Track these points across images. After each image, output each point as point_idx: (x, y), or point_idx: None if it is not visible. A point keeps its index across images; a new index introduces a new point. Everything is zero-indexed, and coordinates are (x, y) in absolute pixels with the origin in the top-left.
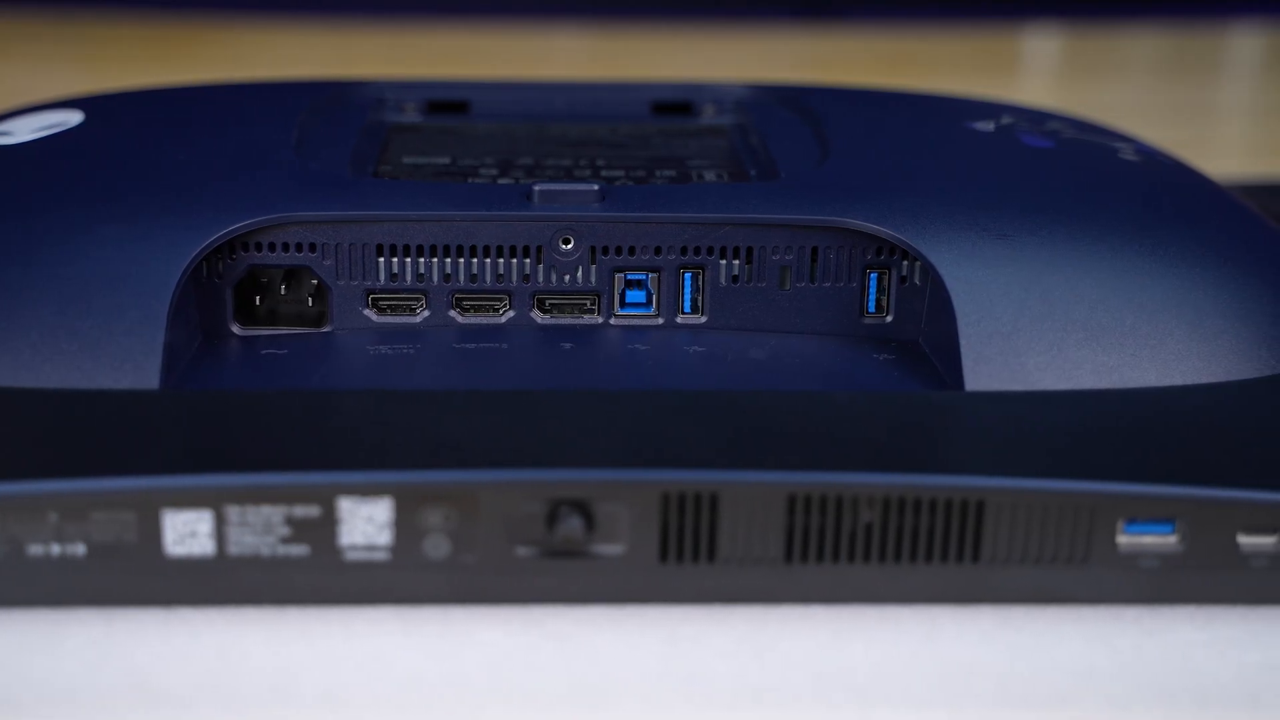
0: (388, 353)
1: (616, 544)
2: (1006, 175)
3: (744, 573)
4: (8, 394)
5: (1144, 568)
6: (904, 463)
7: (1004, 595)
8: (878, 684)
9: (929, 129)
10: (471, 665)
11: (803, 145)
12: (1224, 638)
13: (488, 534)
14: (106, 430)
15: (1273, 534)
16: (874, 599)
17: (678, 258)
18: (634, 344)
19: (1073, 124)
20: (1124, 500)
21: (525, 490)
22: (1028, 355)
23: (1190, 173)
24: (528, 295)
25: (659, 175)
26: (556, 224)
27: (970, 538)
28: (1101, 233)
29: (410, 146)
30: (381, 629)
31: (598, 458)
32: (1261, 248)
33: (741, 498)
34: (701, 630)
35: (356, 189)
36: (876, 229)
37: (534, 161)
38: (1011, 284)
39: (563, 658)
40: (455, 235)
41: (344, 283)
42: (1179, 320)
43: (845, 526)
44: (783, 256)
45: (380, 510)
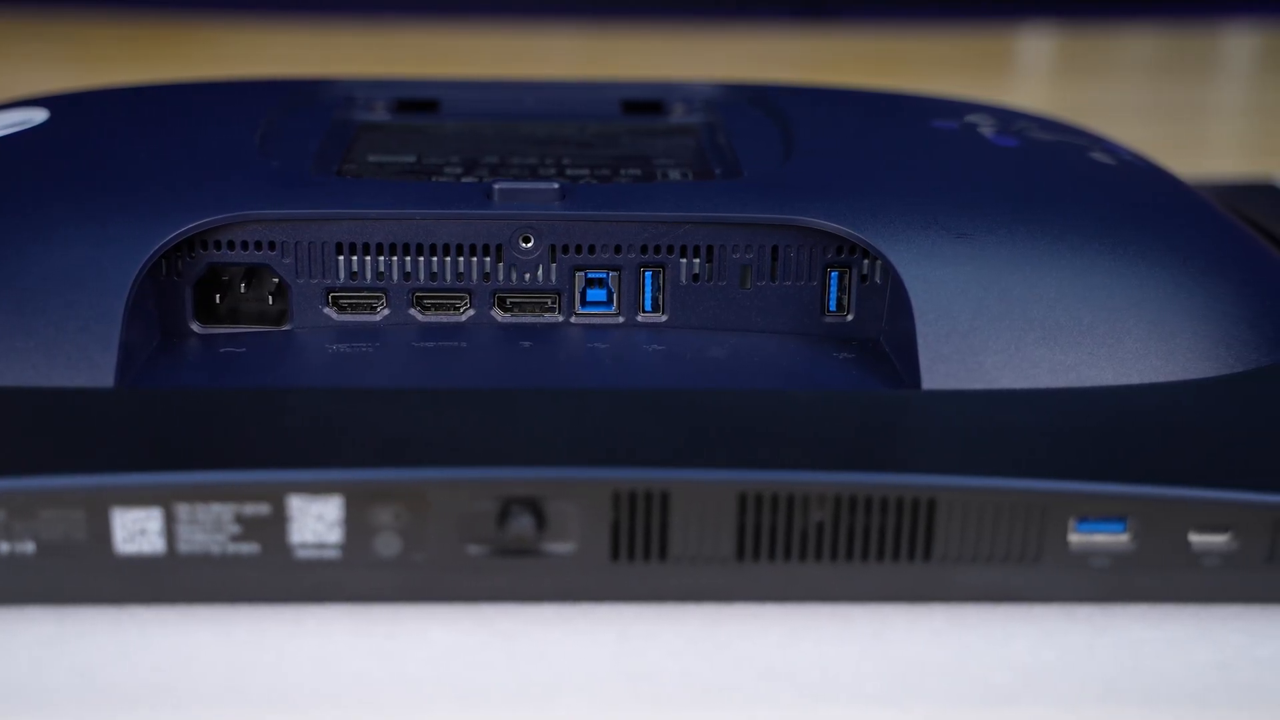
0: (347, 351)
1: (568, 542)
2: (969, 174)
3: (695, 571)
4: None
5: (1096, 566)
6: (856, 461)
7: (956, 594)
8: (826, 682)
9: (895, 128)
10: (420, 663)
11: (768, 144)
12: (1175, 636)
13: (438, 532)
14: (58, 428)
15: (1225, 532)
16: (825, 597)
17: (638, 256)
18: (594, 343)
19: (1042, 124)
20: (1075, 499)
21: (475, 488)
22: (985, 354)
23: (1158, 173)
24: (488, 294)
25: (624, 174)
26: (516, 222)
27: (921, 536)
28: (1061, 232)
29: (377, 145)
30: (332, 627)
31: (549, 456)
32: (1222, 248)
33: (692, 496)
34: (652, 629)
35: (316, 187)
36: (836, 227)
37: (500, 160)
38: (970, 283)
39: (512, 656)
40: (415, 234)
41: (304, 281)
42: (1137, 319)
43: (796, 525)
44: (743, 255)
45: (330, 508)
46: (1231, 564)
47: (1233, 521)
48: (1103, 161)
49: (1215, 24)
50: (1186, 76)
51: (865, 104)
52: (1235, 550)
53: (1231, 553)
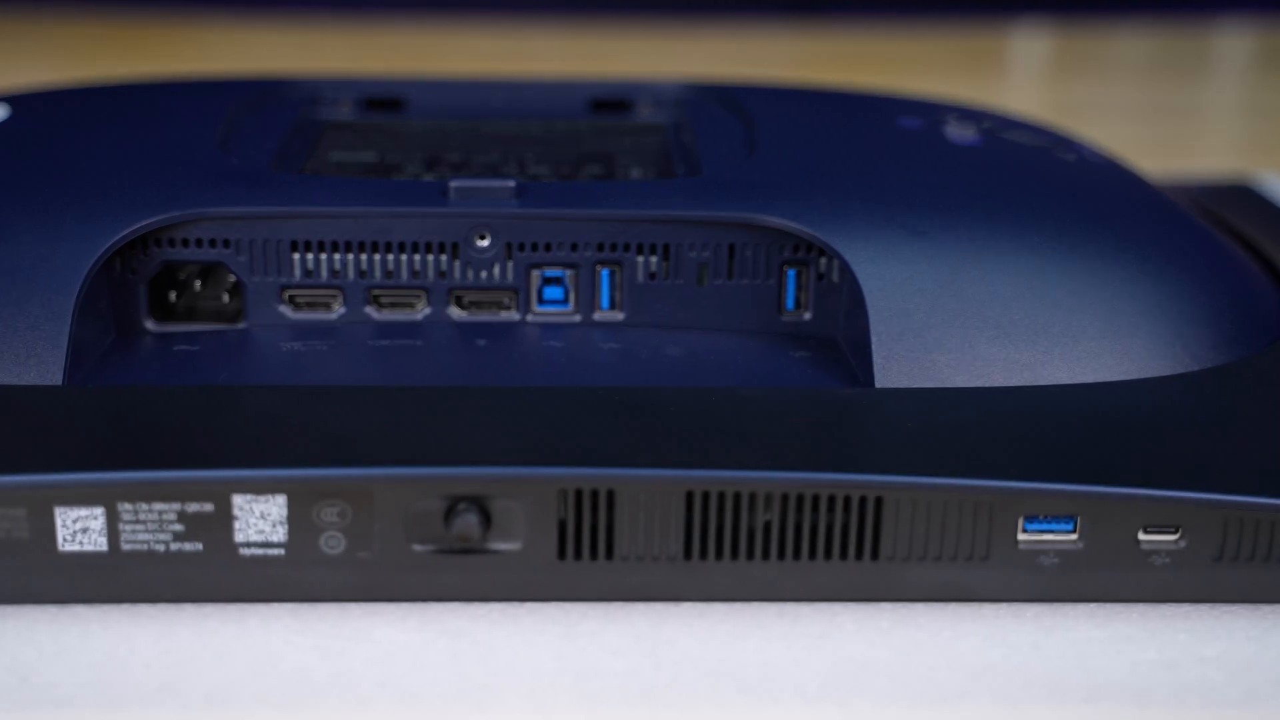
0: (301, 349)
1: (514, 541)
2: (928, 174)
3: (643, 570)
4: None
5: (1044, 565)
6: (804, 460)
7: (904, 592)
8: (770, 681)
9: (859, 128)
10: (363, 663)
11: (731, 144)
12: (1121, 635)
13: (384, 530)
14: (2, 427)
15: (1173, 531)
16: (773, 596)
17: (594, 254)
18: (549, 341)
19: (1009, 123)
20: (1023, 497)
21: (421, 486)
22: (939, 353)
23: (1122, 173)
24: (444, 292)
25: (585, 173)
26: (471, 220)
27: (869, 535)
28: (1018, 231)
29: (341, 144)
30: (275, 626)
31: (495, 454)
32: (1181, 248)
33: (639, 494)
34: (598, 627)
35: (271, 184)
36: (791, 225)
37: (462, 159)
38: (925, 281)
39: (456, 656)
40: (370, 231)
41: (259, 279)
42: (1092, 318)
43: (744, 523)
44: (699, 253)
45: (274, 507)
46: (1180, 563)
47: (1181, 520)
48: (1066, 161)
49: (1209, 23)
50: (1180, 76)
51: (832, 104)
52: (1184, 549)
53: (1180, 552)
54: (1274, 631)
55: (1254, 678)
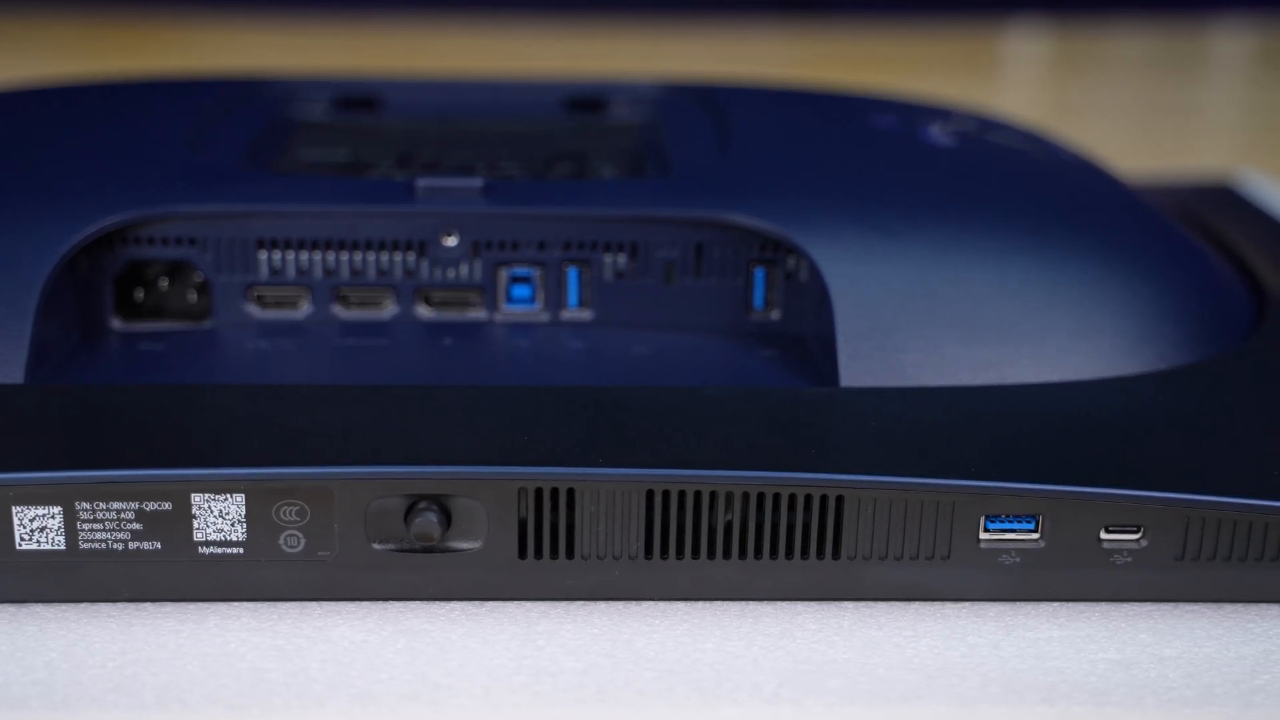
0: (267, 348)
1: (474, 540)
2: (898, 173)
3: (603, 569)
4: None
5: (1005, 564)
6: (765, 459)
7: (865, 592)
8: (727, 681)
9: (832, 127)
10: (320, 662)
11: (703, 143)
12: (1082, 635)
13: (343, 529)
14: None
15: (1135, 531)
16: (734, 595)
17: (561, 253)
18: (516, 340)
19: (983, 123)
20: (985, 496)
21: (380, 485)
22: (905, 352)
23: (1096, 173)
24: (411, 290)
25: (555, 172)
26: (438, 219)
27: (830, 534)
28: (987, 231)
29: (313, 143)
30: (233, 625)
31: (455, 453)
32: (1151, 248)
33: (599, 493)
34: (557, 626)
35: (238, 183)
36: (758, 224)
37: (434, 158)
38: (893, 280)
39: (414, 655)
40: (337, 230)
41: (225, 277)
42: (1060, 317)
43: (705, 523)
44: (668, 252)
45: (233, 506)
46: (1142, 562)
47: (1143, 520)
48: (1039, 161)
49: (1205, 23)
50: (1176, 76)
51: (808, 104)
52: (1146, 549)
53: (1142, 551)
54: (1234, 631)
55: (1211, 678)
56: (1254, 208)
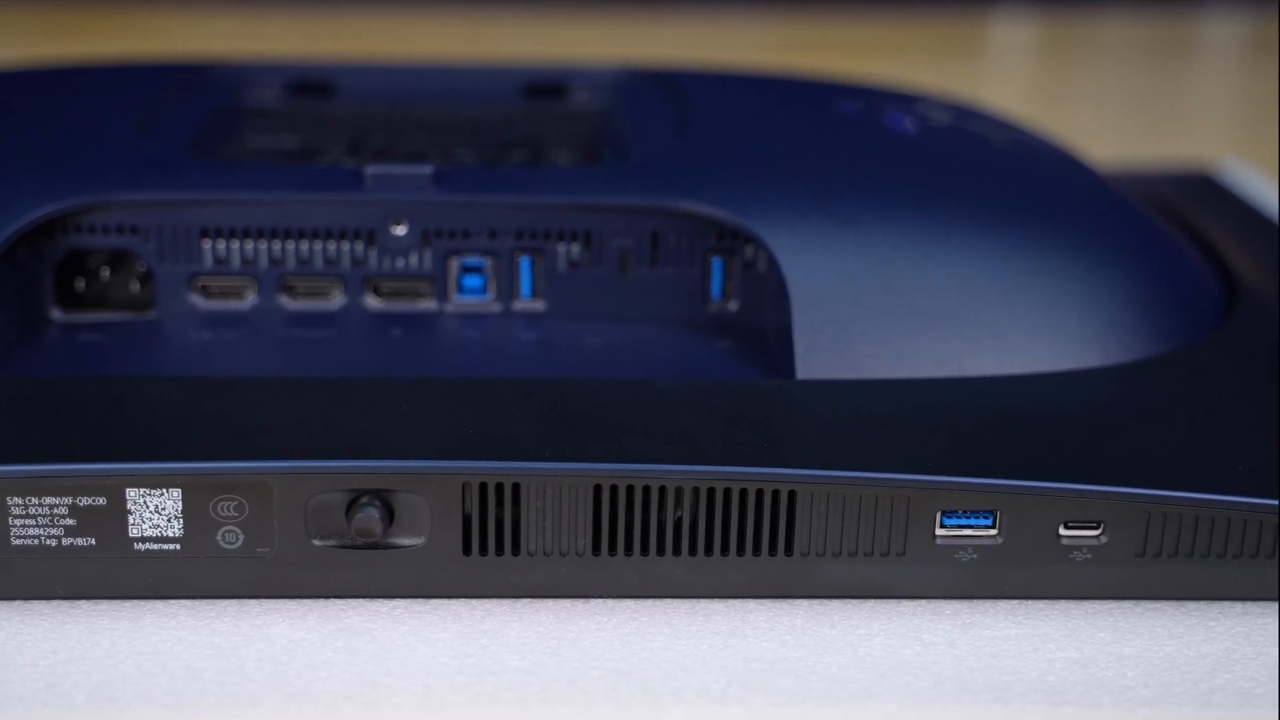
0: (211, 340)
1: (417, 536)
2: (860, 160)
3: (549, 566)
4: None
5: (962, 561)
6: (716, 453)
7: (818, 589)
8: (673, 679)
9: (794, 113)
10: (254, 661)
11: (661, 129)
12: (1039, 633)
13: (283, 525)
14: None
15: (1095, 527)
16: (685, 593)
17: (513, 242)
18: (467, 331)
19: (950, 109)
20: (941, 491)
21: (321, 480)
22: (863, 343)
23: (1064, 160)
24: (360, 280)
25: (510, 159)
26: (387, 207)
27: (782, 530)
28: (948, 219)
29: (263, 129)
30: (169, 624)
31: (399, 447)
32: (1117, 237)
33: (545, 488)
34: (501, 625)
35: (182, 170)
36: (714, 212)
37: (387, 145)
38: (851, 270)
39: (353, 654)
40: (283, 218)
41: (169, 267)
42: (1022, 308)
43: (654, 518)
44: (622, 241)
45: (169, 501)
46: (1102, 559)
47: (1103, 515)
48: (1006, 149)
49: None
50: (1166, 62)
51: (771, 90)
52: (1105, 545)
53: (1102, 548)
54: (1195, 630)
55: (1170, 677)
56: (1232, 198)
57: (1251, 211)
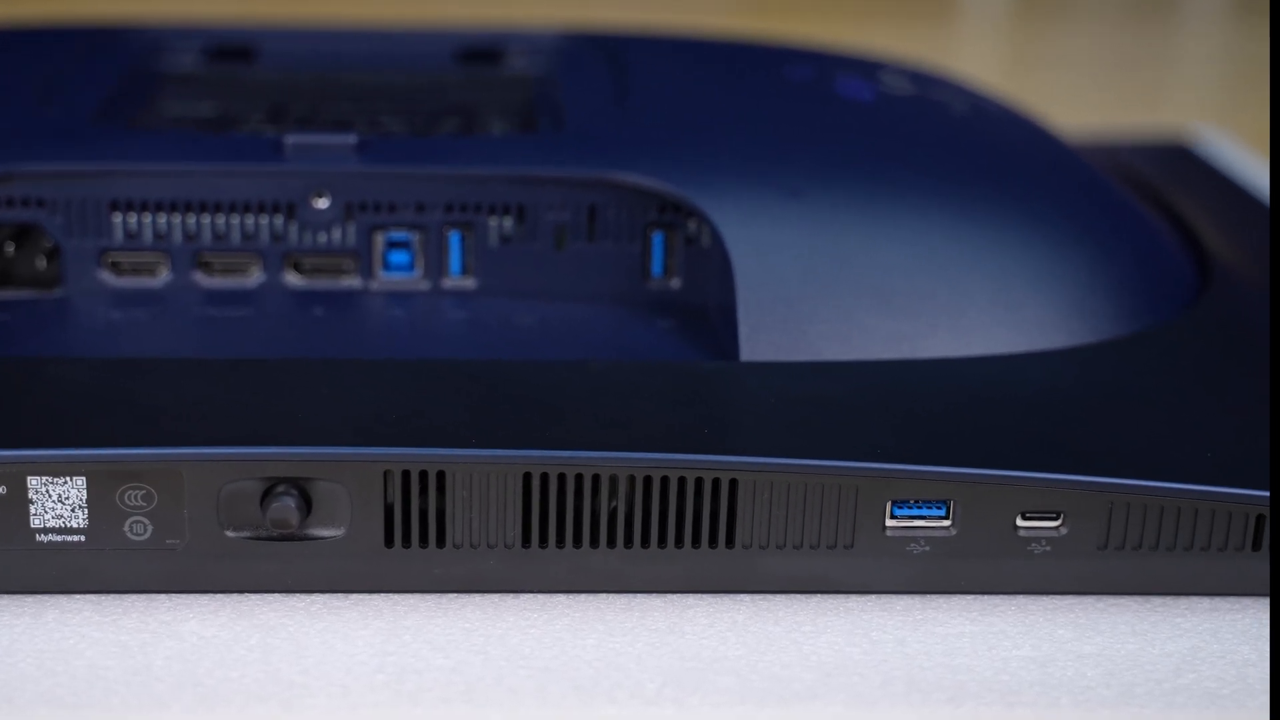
0: (122, 319)
1: (336, 527)
2: (809, 128)
3: (477, 559)
4: None
5: (914, 554)
6: (652, 439)
7: (761, 583)
8: (606, 679)
9: (741, 80)
10: (163, 659)
11: (600, 97)
12: (995, 630)
13: (194, 515)
14: None
15: (1055, 518)
16: (620, 588)
17: (442, 216)
18: (393, 310)
19: (911, 76)
20: (891, 480)
21: (233, 467)
22: (811, 323)
23: (1032, 131)
24: (280, 256)
25: (440, 128)
26: (308, 178)
27: (723, 521)
28: (904, 192)
29: (179, 96)
30: (73, 619)
31: (317, 433)
32: (1083, 212)
33: (472, 476)
34: (425, 621)
35: (90, 139)
36: (654, 184)
37: (310, 113)
38: (799, 245)
39: (267, 651)
40: (198, 190)
41: (76, 241)
42: (981, 286)
43: (587, 508)
44: (558, 214)
45: (73, 490)
46: (1061, 552)
47: (1063, 505)
48: (967, 118)
49: None
50: (1147, 25)
51: (718, 54)
52: (1065, 537)
53: (1061, 539)
54: (1160, 626)
55: (1132, 676)
56: (1208, 168)
57: (1229, 183)
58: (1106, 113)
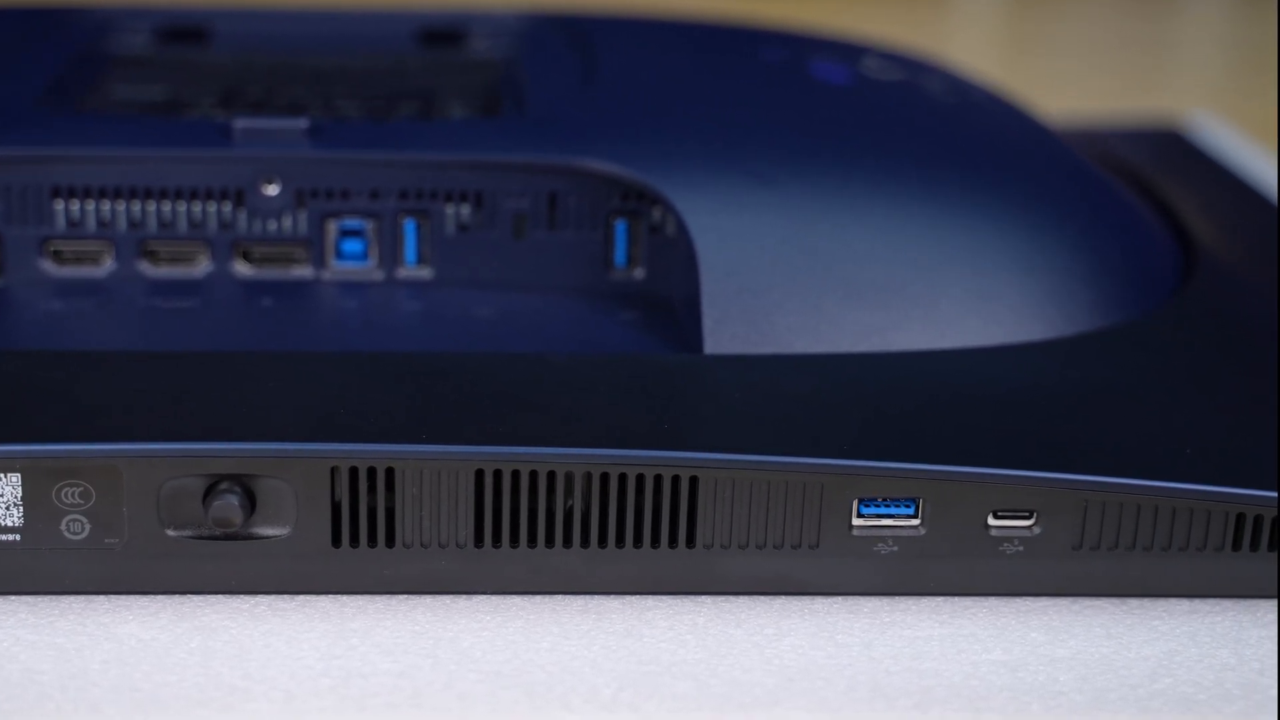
0: (63, 310)
1: (281, 526)
2: (781, 114)
3: (427, 559)
4: None
5: (881, 554)
6: (610, 435)
7: (723, 584)
8: (560, 683)
9: (712, 63)
10: (100, 663)
11: (564, 80)
12: (965, 633)
13: (133, 514)
14: None
15: (1027, 516)
16: (576, 588)
17: (397, 203)
18: (346, 301)
19: (892, 60)
20: (858, 477)
21: (174, 464)
22: (779, 315)
23: (1014, 117)
24: (229, 245)
25: (398, 112)
26: (257, 164)
27: (684, 520)
28: (876, 179)
29: (129, 79)
30: (7, 621)
31: (262, 428)
32: (1063, 199)
33: (422, 473)
34: (373, 623)
35: (31, 123)
36: (616, 170)
37: (264, 96)
38: (767, 234)
39: (207, 654)
40: (143, 176)
41: (17, 230)
42: (955, 277)
43: (542, 506)
44: (516, 202)
45: (8, 487)
46: (1034, 552)
47: (1036, 504)
48: (946, 103)
49: None
50: (1150, 7)
51: (688, 36)
52: (1038, 536)
53: (1034, 539)
54: (1137, 629)
55: (1106, 681)
56: (1202, 156)
57: (1222, 170)
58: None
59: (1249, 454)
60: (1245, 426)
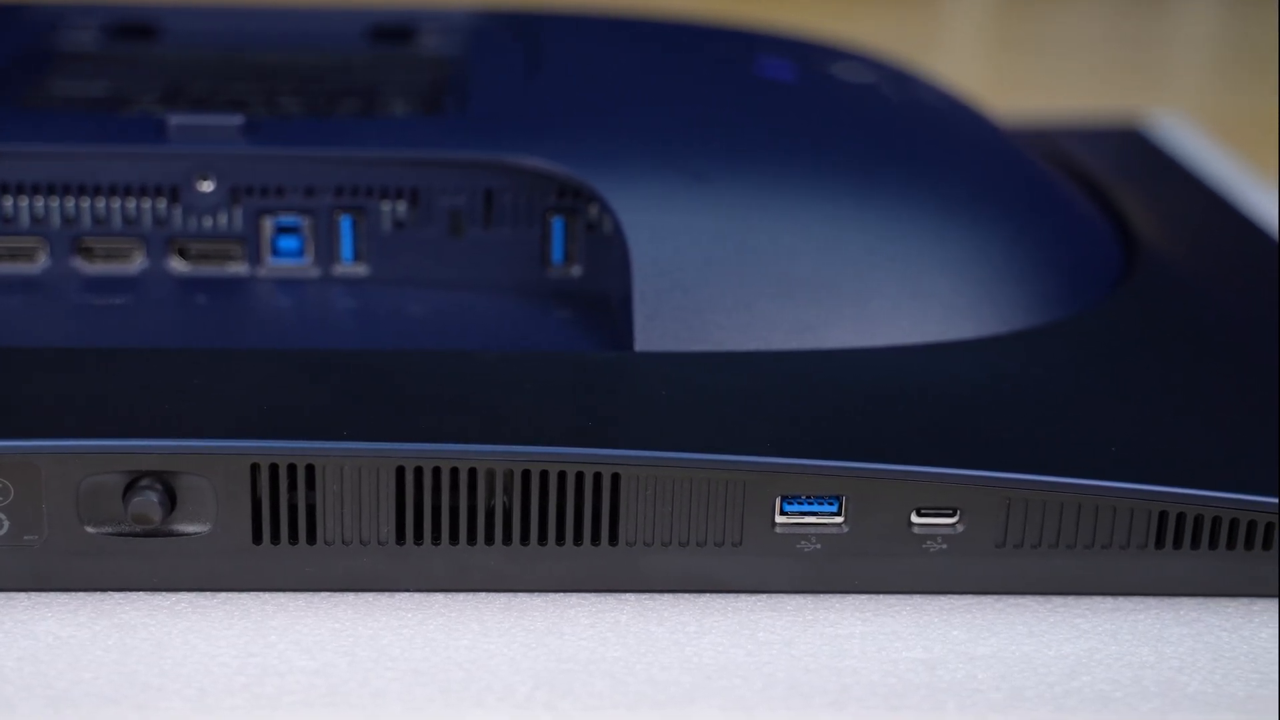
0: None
1: (201, 523)
2: (721, 111)
3: (349, 556)
4: None
5: (804, 552)
6: (533, 432)
7: (646, 582)
8: (476, 681)
9: (656, 61)
10: (15, 660)
11: (507, 77)
12: (886, 631)
13: (52, 510)
14: None
15: (951, 514)
16: (499, 586)
17: (333, 200)
18: (281, 298)
19: (839, 56)
20: (781, 475)
21: (93, 460)
22: (710, 312)
23: (961, 115)
24: (163, 242)
25: (339, 108)
26: (191, 160)
27: (606, 517)
28: (811, 176)
29: (72, 75)
30: None
31: (182, 425)
32: (1001, 197)
33: (343, 470)
34: (293, 621)
35: None
36: (553, 167)
37: (207, 93)
38: (700, 231)
39: (124, 652)
40: (77, 173)
41: None
42: (887, 274)
43: (464, 504)
44: (452, 199)
45: None
46: (958, 550)
47: (960, 502)
48: (890, 100)
49: None
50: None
51: (638, 34)
52: (962, 534)
53: (958, 537)
54: (1059, 628)
55: (1024, 679)
56: (1160, 154)
57: (1178, 170)
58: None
59: (1171, 451)
60: (1168, 423)
